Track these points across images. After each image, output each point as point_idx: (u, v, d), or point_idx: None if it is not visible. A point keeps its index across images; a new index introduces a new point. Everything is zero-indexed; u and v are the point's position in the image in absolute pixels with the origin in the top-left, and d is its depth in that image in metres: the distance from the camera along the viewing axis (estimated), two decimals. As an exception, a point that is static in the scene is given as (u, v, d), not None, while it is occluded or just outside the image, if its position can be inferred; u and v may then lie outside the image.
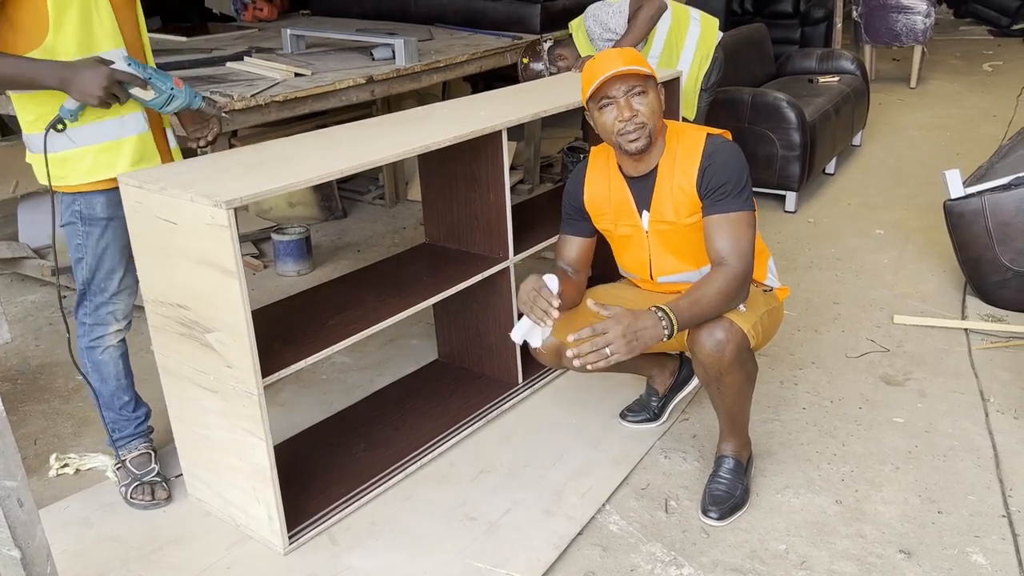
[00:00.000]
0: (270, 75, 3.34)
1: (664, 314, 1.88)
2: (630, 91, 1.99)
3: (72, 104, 1.90)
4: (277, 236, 3.76)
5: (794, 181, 4.24)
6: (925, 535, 2.05)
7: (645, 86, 2.00)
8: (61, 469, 2.40)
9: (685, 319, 1.91)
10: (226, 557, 2.03)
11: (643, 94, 2.00)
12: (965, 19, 10.12)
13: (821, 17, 6.66)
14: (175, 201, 1.82)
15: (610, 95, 2.00)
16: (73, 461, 2.42)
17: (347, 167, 1.98)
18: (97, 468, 2.41)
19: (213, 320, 1.88)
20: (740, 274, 1.97)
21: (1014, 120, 5.80)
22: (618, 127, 2.01)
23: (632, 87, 1.99)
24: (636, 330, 1.85)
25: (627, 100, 1.99)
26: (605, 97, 2.01)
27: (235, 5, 5.51)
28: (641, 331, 1.85)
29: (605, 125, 2.03)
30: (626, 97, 1.99)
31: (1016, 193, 3.07)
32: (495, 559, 2.00)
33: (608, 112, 2.01)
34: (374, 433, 2.46)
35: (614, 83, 1.99)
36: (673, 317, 1.88)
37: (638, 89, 1.99)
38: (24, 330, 3.31)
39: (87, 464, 2.41)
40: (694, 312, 1.93)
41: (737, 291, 1.97)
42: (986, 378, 2.72)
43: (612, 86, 1.99)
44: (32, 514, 1.10)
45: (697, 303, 1.94)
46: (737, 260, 1.97)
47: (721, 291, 1.94)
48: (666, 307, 1.89)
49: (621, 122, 2.00)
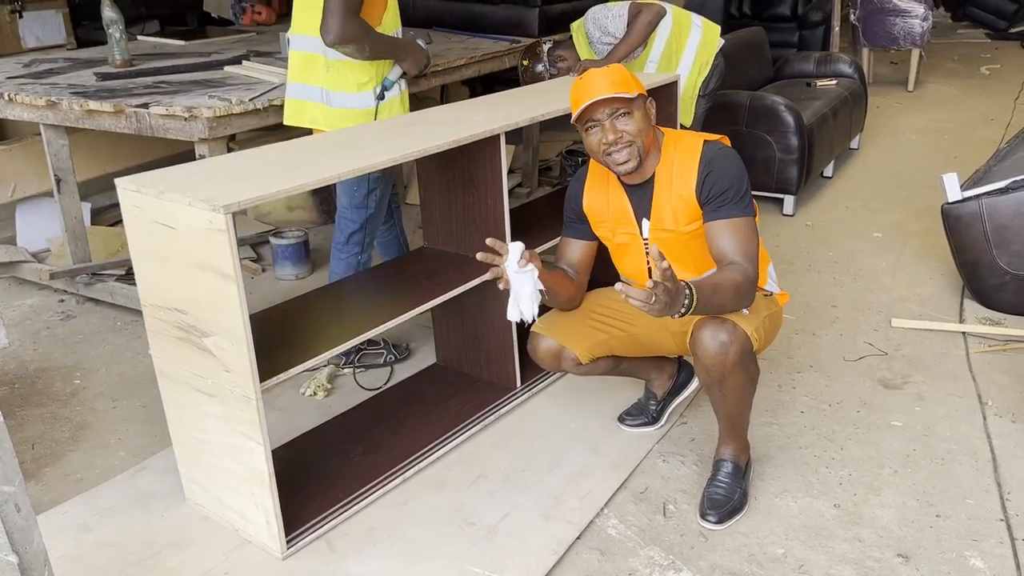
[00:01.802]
0: (268, 79, 3.34)
1: (690, 293, 1.80)
2: (614, 114, 2.01)
3: (394, 75, 2.68)
4: (275, 240, 3.76)
5: (792, 184, 4.24)
6: (923, 539, 2.05)
7: (630, 107, 2.01)
8: (313, 394, 2.75)
9: (704, 302, 1.84)
10: (224, 562, 2.03)
11: (628, 115, 2.01)
12: (962, 22, 10.13)
13: (819, 20, 6.67)
14: (173, 206, 1.82)
15: (594, 118, 2.02)
16: (320, 384, 2.75)
17: (345, 171, 1.98)
18: (346, 374, 2.85)
19: (211, 324, 1.88)
20: (751, 275, 1.96)
21: (1012, 123, 5.81)
22: (603, 149, 2.03)
23: (616, 110, 2.01)
24: (672, 304, 1.77)
25: (611, 123, 2.01)
26: (590, 120, 2.03)
27: (233, 9, 5.51)
28: (674, 299, 1.77)
29: (591, 146, 2.07)
30: (610, 120, 2.01)
31: (1013, 196, 3.08)
32: (493, 564, 2.00)
33: (594, 134, 2.04)
34: (372, 437, 2.46)
35: (598, 107, 2.01)
36: (695, 296, 1.81)
37: (622, 111, 2.01)
38: (22, 334, 3.30)
39: (332, 381, 2.80)
40: (712, 300, 1.87)
41: (748, 291, 1.96)
42: (984, 381, 2.72)
43: (596, 110, 2.01)
44: (30, 519, 1.10)
45: (718, 291, 1.89)
46: (745, 260, 1.97)
47: (737, 285, 1.92)
48: (692, 287, 1.82)
49: (605, 144, 2.02)
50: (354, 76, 2.62)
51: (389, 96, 2.69)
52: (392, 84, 2.68)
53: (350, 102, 2.65)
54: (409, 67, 2.69)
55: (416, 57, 2.70)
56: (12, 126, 4.43)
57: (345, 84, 2.63)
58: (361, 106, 2.65)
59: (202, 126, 2.83)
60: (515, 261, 1.95)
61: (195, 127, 2.85)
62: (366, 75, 2.63)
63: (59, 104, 3.10)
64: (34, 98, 3.15)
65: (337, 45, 2.49)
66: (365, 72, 2.62)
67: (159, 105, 2.87)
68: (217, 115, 2.83)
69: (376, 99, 2.65)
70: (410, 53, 2.69)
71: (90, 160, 4.20)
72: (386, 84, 2.66)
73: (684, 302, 1.80)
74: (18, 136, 4.39)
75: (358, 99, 2.65)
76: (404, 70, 2.69)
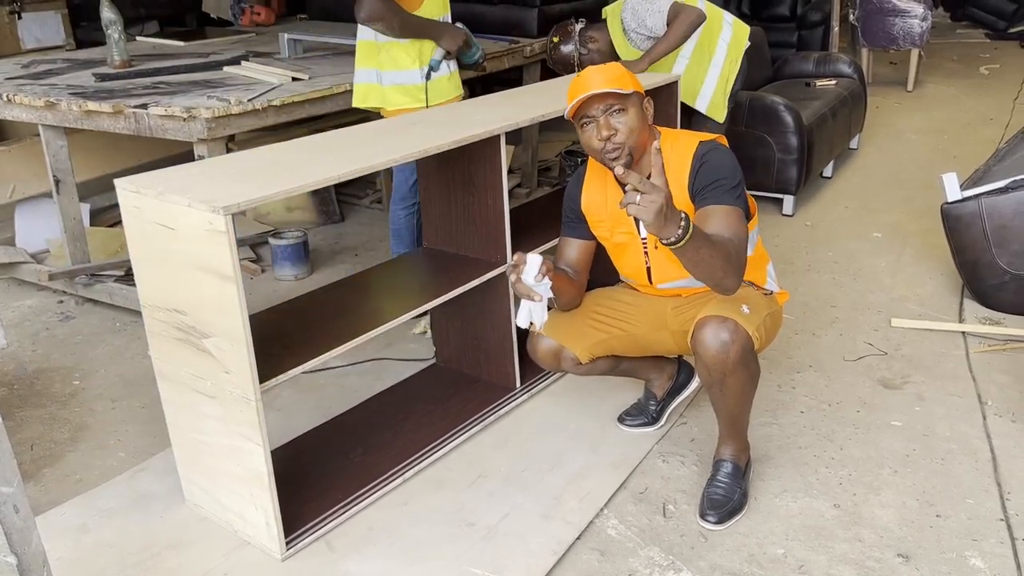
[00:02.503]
0: (267, 80, 3.34)
1: (685, 223, 1.75)
2: (608, 110, 2.01)
3: (438, 55, 2.95)
4: (275, 240, 3.76)
5: (792, 184, 4.24)
6: (923, 539, 2.05)
7: (625, 104, 2.01)
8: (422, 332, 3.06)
9: (698, 240, 1.78)
10: (223, 563, 2.03)
11: (622, 112, 2.01)
12: (962, 22, 10.13)
13: (818, 21, 6.67)
14: (172, 206, 1.82)
15: (589, 114, 2.03)
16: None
17: (345, 172, 1.97)
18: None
19: (210, 325, 1.88)
20: (741, 251, 1.94)
21: (1011, 123, 5.81)
22: (597, 145, 2.04)
23: (611, 106, 2.01)
24: (666, 211, 1.71)
25: (606, 119, 2.01)
26: (585, 116, 2.04)
27: (232, 10, 5.51)
28: (668, 214, 1.72)
29: (586, 143, 2.07)
30: (605, 116, 2.01)
31: (1013, 196, 3.08)
32: (493, 565, 1.99)
33: (589, 130, 2.05)
34: (372, 438, 2.46)
35: (593, 103, 2.01)
36: (691, 227, 1.75)
37: (617, 108, 2.01)
38: (21, 335, 3.30)
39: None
40: (705, 248, 1.81)
41: (737, 264, 1.91)
42: (984, 381, 2.72)
43: (591, 106, 2.02)
44: (28, 520, 1.10)
45: (715, 244, 1.84)
46: (736, 239, 1.94)
47: (729, 254, 1.88)
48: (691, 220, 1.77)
49: (600, 140, 2.02)
50: (401, 56, 2.95)
51: (436, 75, 2.98)
52: (437, 64, 2.96)
53: (399, 79, 2.97)
54: (447, 44, 2.96)
55: (452, 35, 2.97)
56: (11, 127, 4.43)
57: (394, 64, 2.96)
58: (409, 82, 2.97)
59: (201, 127, 2.83)
60: (531, 276, 1.97)
61: (194, 128, 2.85)
62: (409, 56, 2.95)
63: (58, 105, 3.09)
64: (33, 99, 3.15)
65: (367, 22, 2.88)
66: (407, 53, 2.94)
67: (158, 106, 2.87)
68: (216, 116, 2.83)
69: (423, 77, 2.96)
70: (445, 32, 2.97)
71: (89, 161, 4.20)
72: (432, 64, 2.96)
73: (681, 224, 1.73)
74: (17, 137, 4.39)
75: (406, 76, 2.97)
76: (445, 49, 2.96)
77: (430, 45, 2.96)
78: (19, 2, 5.06)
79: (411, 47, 2.94)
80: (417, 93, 2.98)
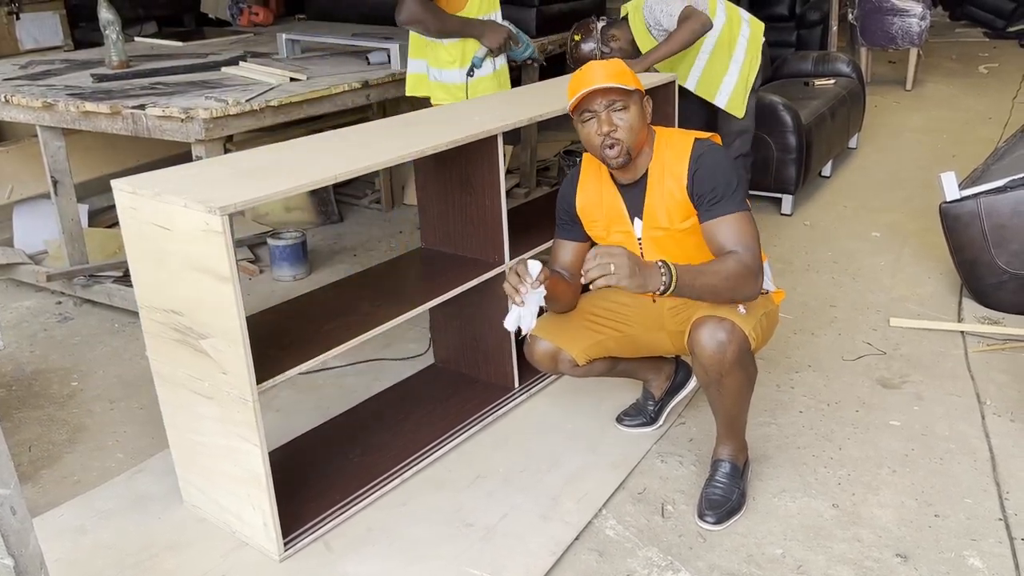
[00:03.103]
0: (265, 80, 3.34)
1: (666, 268, 1.84)
2: (610, 106, 2.01)
3: (481, 52, 2.97)
4: (273, 241, 3.76)
5: (790, 184, 4.24)
6: (922, 539, 2.05)
7: (627, 101, 2.01)
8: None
9: (685, 282, 1.86)
10: (221, 564, 2.03)
11: (624, 109, 2.01)
12: (960, 21, 10.14)
13: (817, 20, 6.67)
14: (169, 207, 1.81)
15: (591, 109, 2.03)
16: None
17: (343, 172, 1.97)
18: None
19: (208, 326, 1.88)
20: (749, 263, 1.95)
21: (1010, 122, 5.81)
22: (597, 140, 2.03)
23: (612, 101, 2.01)
24: (640, 265, 1.81)
25: (607, 115, 2.01)
26: (586, 111, 2.04)
27: (231, 10, 5.50)
28: (644, 268, 1.81)
29: (586, 138, 2.07)
30: (607, 112, 2.01)
31: (1012, 195, 3.08)
32: (492, 565, 1.99)
33: (589, 125, 2.05)
34: (370, 438, 2.45)
35: (595, 97, 2.01)
36: (674, 272, 1.84)
37: (619, 104, 2.01)
38: (19, 336, 3.30)
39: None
40: (696, 282, 1.88)
41: (744, 280, 1.94)
42: (982, 381, 2.72)
43: (593, 100, 2.01)
44: (25, 522, 1.10)
45: (702, 274, 1.90)
46: (745, 251, 1.96)
47: (729, 273, 1.92)
48: (668, 263, 1.86)
49: (599, 136, 2.02)
50: (445, 54, 3.01)
51: (479, 74, 3.02)
52: (481, 62, 2.99)
53: (443, 77, 3.05)
54: (489, 42, 2.97)
55: (493, 32, 2.98)
56: (9, 128, 4.42)
57: (439, 61, 3.04)
58: (452, 81, 3.04)
59: (199, 127, 2.83)
60: (528, 283, 1.96)
61: (192, 128, 2.84)
62: (451, 55, 3.01)
63: (55, 106, 3.09)
64: (30, 99, 3.15)
65: (406, 24, 2.92)
66: (449, 52, 3.00)
67: (156, 106, 2.87)
68: (214, 116, 2.83)
69: (466, 76, 3.00)
70: (486, 30, 2.97)
71: (87, 162, 4.19)
72: (475, 62, 2.99)
73: (663, 277, 1.83)
74: (15, 138, 4.39)
75: (448, 75, 3.04)
76: (487, 47, 2.97)
77: (473, 43, 2.99)
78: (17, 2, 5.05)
79: (453, 47, 2.99)
80: (457, 92, 3.02)
